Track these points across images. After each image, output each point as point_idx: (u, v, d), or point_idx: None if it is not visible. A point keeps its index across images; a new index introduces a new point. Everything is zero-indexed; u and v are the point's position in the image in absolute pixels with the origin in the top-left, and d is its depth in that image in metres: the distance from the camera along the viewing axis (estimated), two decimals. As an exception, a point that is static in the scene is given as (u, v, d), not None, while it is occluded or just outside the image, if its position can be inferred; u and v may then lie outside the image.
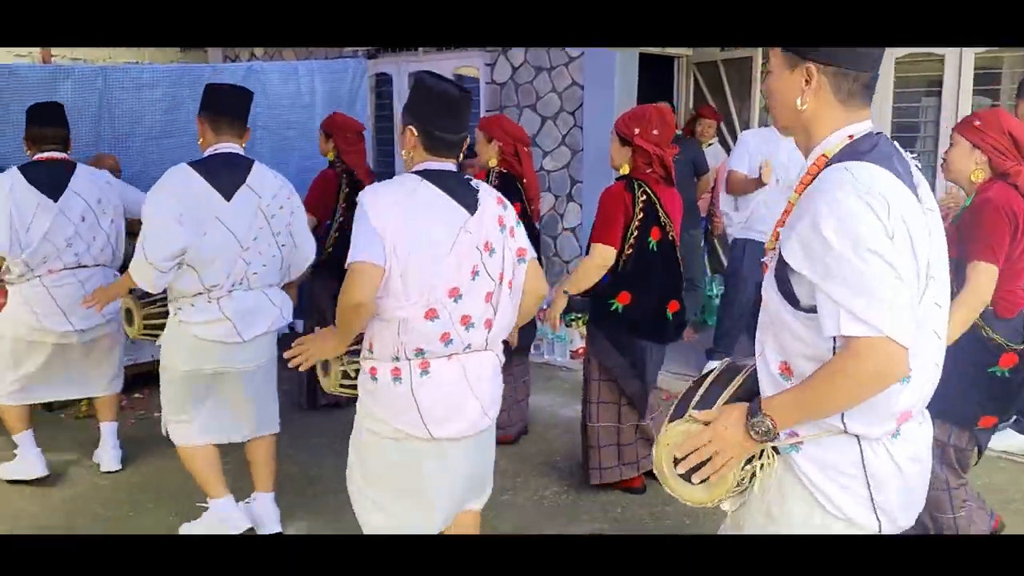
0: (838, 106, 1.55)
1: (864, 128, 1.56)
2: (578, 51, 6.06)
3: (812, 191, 1.49)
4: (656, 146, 3.39)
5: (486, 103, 6.79)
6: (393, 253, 2.14)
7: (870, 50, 1.54)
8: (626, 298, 3.48)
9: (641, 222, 3.43)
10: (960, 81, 5.75)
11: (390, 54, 7.53)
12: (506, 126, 4.18)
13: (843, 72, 1.53)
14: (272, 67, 6.94)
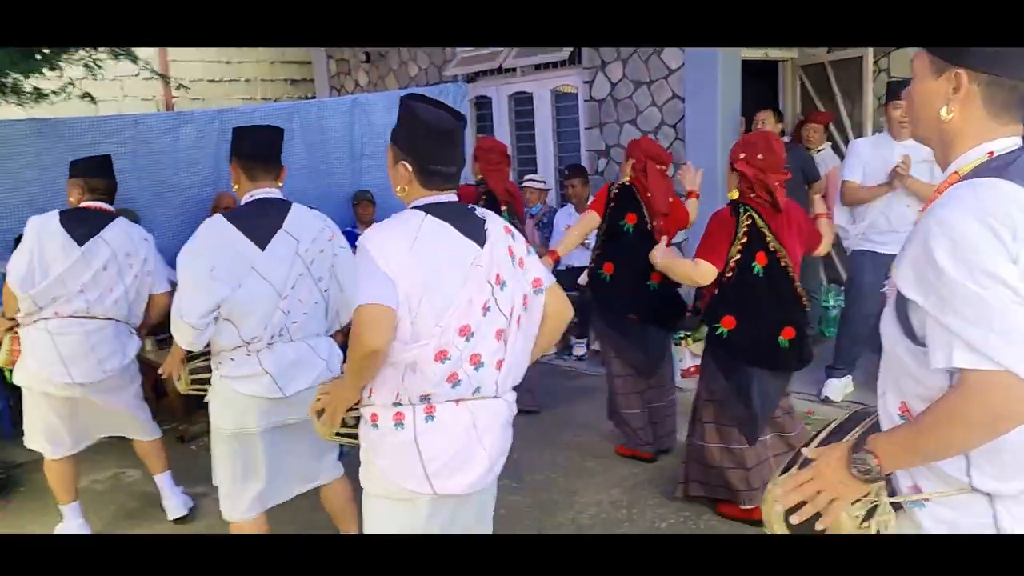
0: (988, 119, 1.37)
1: (1010, 144, 1.37)
2: (678, 63, 5.97)
3: (929, 211, 1.33)
4: (759, 171, 3.33)
5: (585, 120, 6.77)
6: (404, 296, 2.00)
7: None
8: (730, 322, 3.45)
9: (744, 246, 3.39)
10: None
11: (489, 77, 7.62)
12: (643, 145, 4.22)
13: (999, 80, 1.35)
14: (376, 98, 7.13)
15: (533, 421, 5.00)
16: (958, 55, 1.37)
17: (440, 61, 7.93)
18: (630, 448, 4.40)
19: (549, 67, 7.05)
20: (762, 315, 3.43)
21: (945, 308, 1.26)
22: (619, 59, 6.37)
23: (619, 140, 6.50)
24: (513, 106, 7.56)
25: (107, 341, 3.68)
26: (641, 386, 4.31)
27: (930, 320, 1.29)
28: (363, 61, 8.71)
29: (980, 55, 1.34)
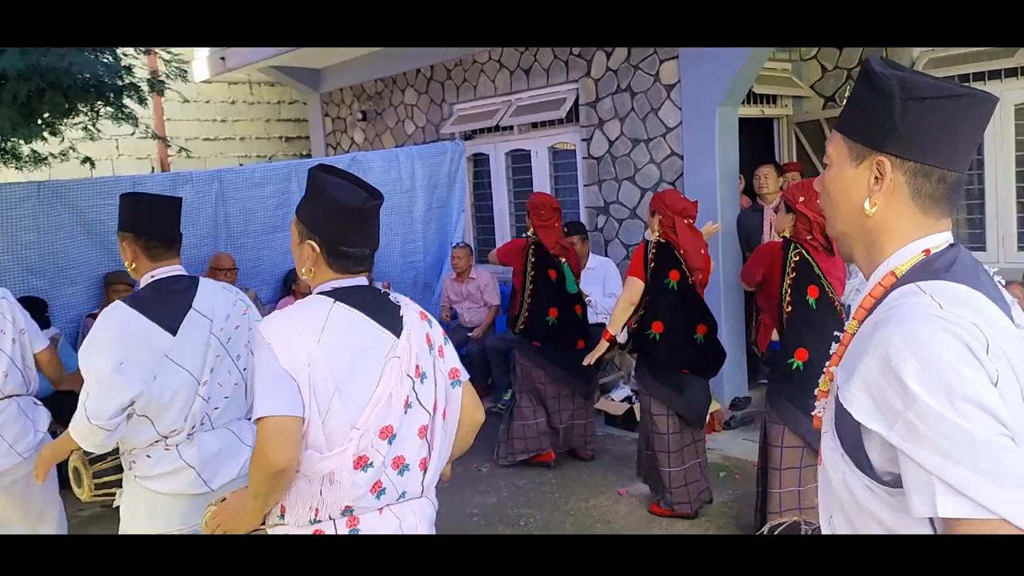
0: (916, 213, 1.20)
1: (943, 240, 1.20)
2: (675, 120, 6.00)
3: (879, 322, 1.11)
4: (818, 214, 3.52)
5: (584, 177, 6.79)
6: (312, 397, 1.78)
7: (959, 144, 1.18)
8: (803, 355, 3.58)
9: (794, 280, 3.60)
10: (1090, 124, 5.42)
11: (486, 134, 7.66)
12: (667, 200, 4.29)
13: (925, 169, 1.17)
14: (374, 156, 7.15)
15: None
16: (880, 140, 1.19)
17: (437, 119, 7.98)
18: (668, 508, 4.35)
19: (546, 125, 7.10)
20: (824, 344, 3.48)
21: (920, 441, 1.03)
22: (616, 117, 6.41)
23: (618, 197, 6.51)
24: (510, 163, 7.58)
25: (12, 422, 3.34)
26: (687, 440, 4.34)
27: (903, 458, 1.06)
28: (360, 119, 8.75)
29: (905, 140, 1.17)
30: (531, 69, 7.05)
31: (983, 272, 1.18)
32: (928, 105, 1.15)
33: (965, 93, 1.15)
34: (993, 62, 5.67)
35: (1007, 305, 1.16)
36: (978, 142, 1.21)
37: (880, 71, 1.19)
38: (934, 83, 1.16)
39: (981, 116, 1.18)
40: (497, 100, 7.38)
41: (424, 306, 7.16)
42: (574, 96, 6.72)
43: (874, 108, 1.19)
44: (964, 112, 1.15)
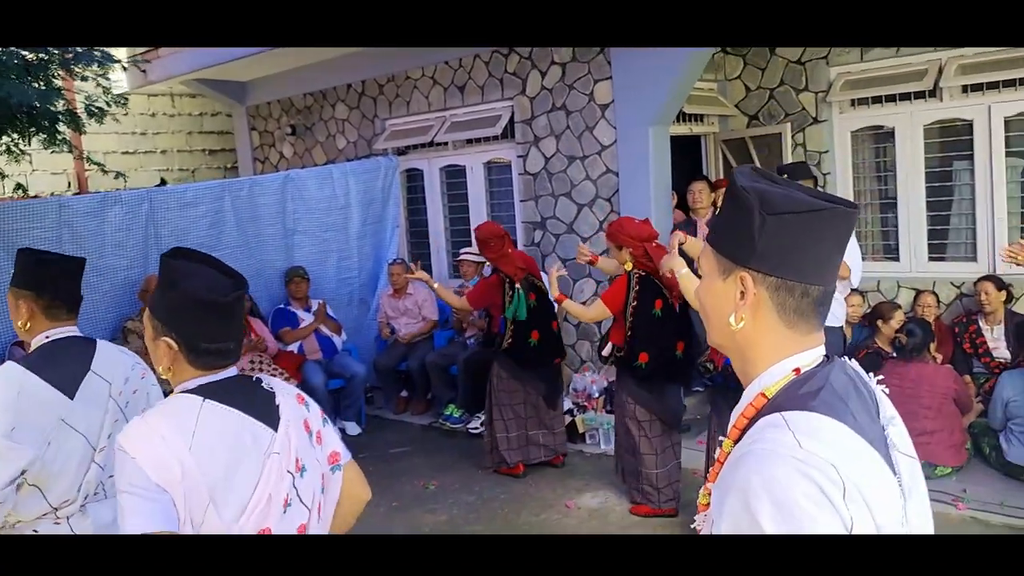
0: (782, 328, 1.16)
1: (814, 357, 1.18)
2: (610, 139, 6.16)
3: (743, 455, 1.08)
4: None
5: (520, 193, 6.89)
6: (186, 510, 1.63)
7: (822, 258, 1.15)
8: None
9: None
10: (991, 143, 5.82)
11: (420, 150, 7.68)
12: (630, 231, 4.46)
13: (788, 284, 1.14)
14: (308, 173, 7.09)
15: (488, 501, 4.96)
16: (742, 255, 1.16)
17: (369, 134, 7.96)
18: (655, 507, 4.62)
19: (482, 141, 7.17)
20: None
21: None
22: (552, 134, 6.54)
23: (554, 212, 6.63)
24: (445, 178, 7.63)
25: None
26: (667, 443, 4.61)
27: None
28: (289, 133, 8.64)
29: (765, 256, 1.14)
30: (465, 86, 7.12)
31: (855, 387, 1.15)
32: (786, 220, 1.12)
33: (823, 207, 1.11)
34: (903, 85, 6.02)
35: (873, 418, 1.13)
36: (841, 254, 1.16)
37: (741, 185, 1.15)
38: (793, 197, 1.13)
39: (841, 228, 1.15)
40: (431, 116, 7.42)
41: (360, 322, 7.19)
42: (509, 113, 6.82)
43: (736, 222, 1.16)
44: (824, 225, 1.12)
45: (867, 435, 1.08)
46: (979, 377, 5.51)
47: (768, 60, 6.71)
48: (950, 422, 4.68)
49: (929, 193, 6.20)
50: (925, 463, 4.63)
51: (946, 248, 6.25)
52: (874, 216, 6.60)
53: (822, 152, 6.53)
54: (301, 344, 6.57)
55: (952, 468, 4.67)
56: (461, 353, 6.52)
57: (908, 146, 6.18)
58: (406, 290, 6.95)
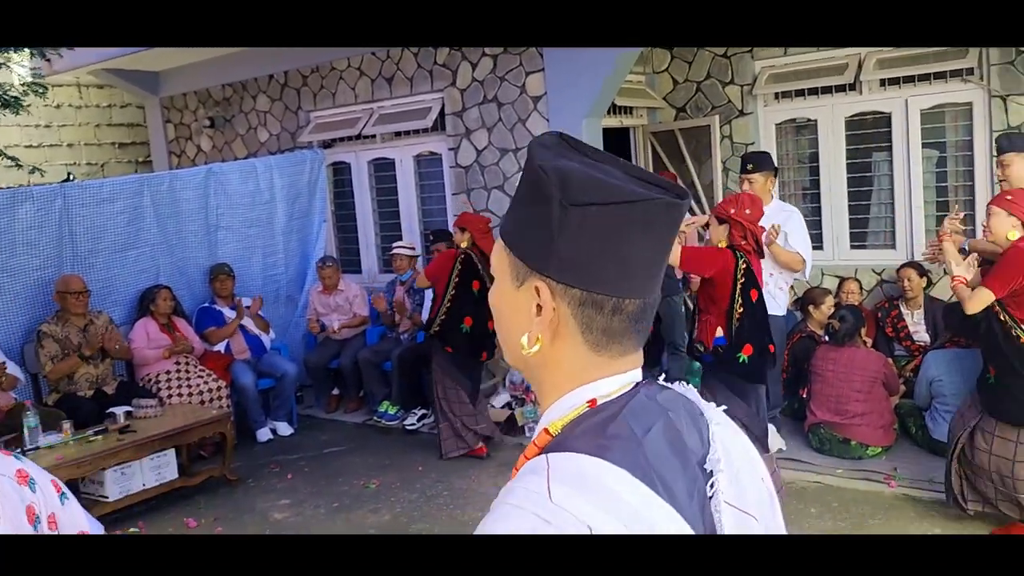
0: (587, 352, 0.91)
1: (620, 384, 0.92)
2: (543, 131, 6.14)
3: (495, 503, 0.87)
4: (750, 222, 4.01)
5: (452, 186, 6.81)
6: None
7: (640, 263, 0.88)
8: (749, 350, 4.01)
9: (743, 286, 4.03)
10: (908, 136, 6.06)
11: (347, 143, 7.51)
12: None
13: (596, 298, 0.88)
14: (231, 167, 6.85)
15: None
16: (540, 258, 0.88)
17: (293, 127, 7.73)
18: None
19: (411, 134, 7.06)
20: (764, 339, 4.09)
21: None
22: (484, 127, 6.48)
23: (487, 205, 6.58)
24: (373, 172, 7.48)
25: None
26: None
27: None
28: (207, 126, 8.33)
29: (566, 260, 0.87)
30: (393, 77, 6.99)
31: (665, 423, 0.89)
32: (592, 213, 0.84)
33: (640, 198, 0.84)
34: (825, 79, 6.21)
35: (687, 463, 0.88)
36: (666, 255, 0.91)
37: (540, 162, 0.87)
38: (603, 183, 0.84)
39: (665, 223, 0.88)
40: (358, 108, 7.26)
41: (288, 320, 7.05)
42: (439, 105, 6.72)
43: (532, 213, 0.88)
44: (643, 220, 0.85)
45: (663, 484, 0.83)
46: (900, 360, 5.73)
47: (695, 54, 6.82)
48: (879, 404, 4.85)
49: (850, 184, 6.41)
50: (857, 444, 4.79)
51: (867, 236, 6.48)
52: (798, 206, 6.78)
53: (748, 144, 6.67)
54: (228, 344, 6.34)
55: (882, 448, 4.84)
56: (395, 349, 6.41)
57: (830, 138, 6.38)
58: (337, 286, 6.80)
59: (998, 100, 5.69)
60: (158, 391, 5.63)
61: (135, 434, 4.76)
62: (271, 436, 6.25)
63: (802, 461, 4.91)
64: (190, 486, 5.13)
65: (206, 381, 5.79)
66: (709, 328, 4.13)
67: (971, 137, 5.89)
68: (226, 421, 5.24)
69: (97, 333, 5.41)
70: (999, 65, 5.65)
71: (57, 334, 5.34)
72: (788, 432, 5.23)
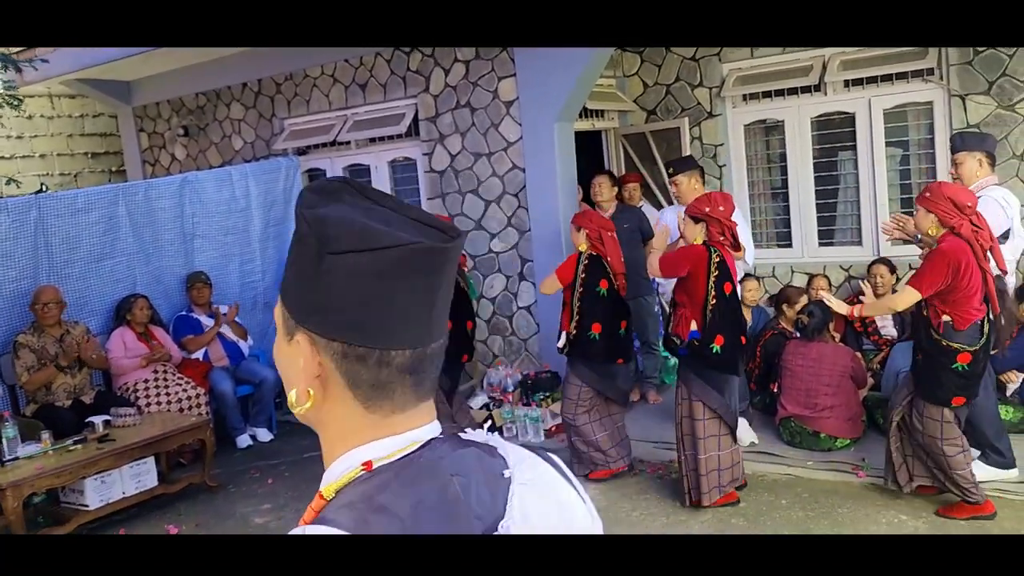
0: (359, 409, 0.86)
1: (398, 446, 0.86)
2: (516, 135, 6.24)
3: None
4: (725, 218, 4.20)
5: (426, 191, 6.88)
6: None
7: (404, 311, 0.83)
8: (720, 340, 4.20)
9: (716, 279, 4.20)
10: (872, 135, 6.20)
11: (322, 149, 7.55)
12: (592, 217, 4.90)
13: (357, 352, 0.83)
14: (206, 175, 6.87)
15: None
16: (302, 311, 0.85)
17: (268, 134, 7.77)
18: (605, 469, 4.92)
19: (385, 139, 7.12)
20: (736, 331, 4.31)
21: None
22: (457, 132, 6.56)
23: (462, 209, 6.66)
24: (348, 178, 7.52)
25: None
26: (606, 413, 4.94)
27: None
28: (181, 134, 8.33)
29: (325, 311, 0.83)
30: (367, 84, 7.05)
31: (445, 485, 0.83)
32: (350, 261, 0.81)
33: (398, 243, 0.80)
34: (791, 80, 6.34)
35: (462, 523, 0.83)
36: (437, 302, 0.86)
37: (300, 209, 0.83)
38: (365, 229, 0.80)
39: (429, 271, 0.84)
40: (332, 115, 7.31)
41: (266, 327, 7.05)
42: (413, 111, 6.79)
43: (298, 263, 0.85)
44: (400, 268, 0.81)
45: None
46: (868, 354, 5.87)
47: (664, 57, 6.93)
48: (848, 397, 4.97)
49: (817, 182, 6.55)
50: (827, 436, 4.91)
51: (834, 234, 6.62)
52: (767, 205, 6.93)
53: (718, 145, 6.80)
54: (207, 351, 6.36)
55: (851, 440, 4.96)
56: (374, 353, 6.46)
57: (797, 138, 6.52)
58: (314, 292, 6.83)
59: (957, 99, 5.85)
60: (136, 400, 5.65)
61: (114, 443, 4.78)
62: (251, 442, 6.28)
63: (773, 454, 5.02)
64: (170, 493, 5.15)
65: (184, 389, 5.81)
66: (684, 322, 4.29)
67: (933, 135, 6.05)
68: (205, 428, 5.27)
69: (74, 343, 5.42)
70: (958, 65, 5.81)
71: (33, 344, 5.34)
72: (759, 426, 5.34)
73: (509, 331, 6.66)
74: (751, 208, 6.87)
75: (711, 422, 4.36)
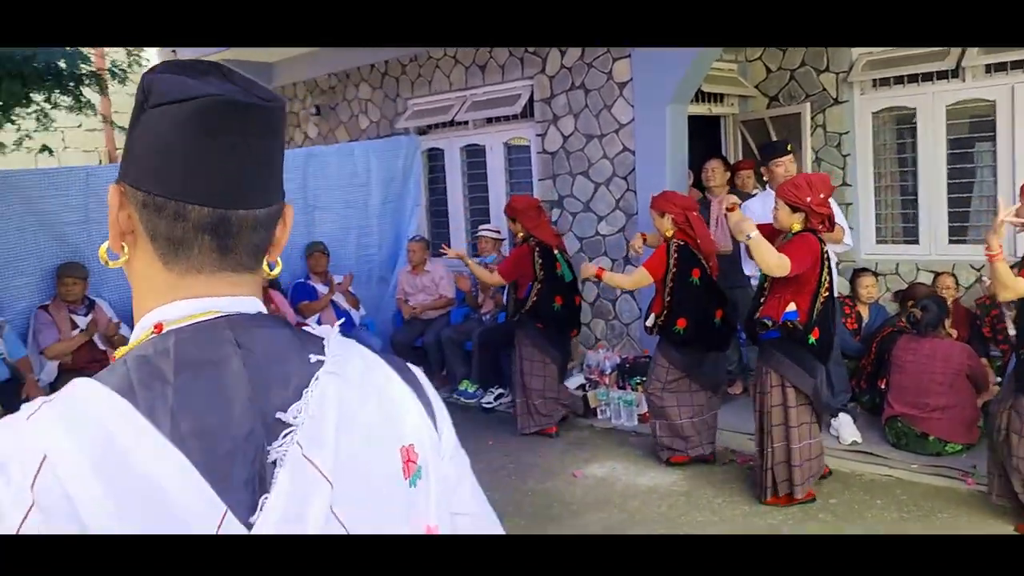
0: (159, 266, 0.85)
1: (191, 311, 0.84)
2: (627, 118, 6.18)
3: None
4: (826, 205, 4.03)
5: (538, 172, 6.92)
6: None
7: (206, 169, 0.82)
8: (817, 333, 4.09)
9: (830, 270, 4.14)
10: (1014, 125, 5.74)
11: (441, 129, 7.74)
12: (674, 199, 4.72)
13: (155, 201, 0.82)
14: (330, 150, 7.20)
15: (497, 469, 5.01)
16: (123, 166, 0.86)
17: (392, 114, 8.04)
18: (684, 455, 4.85)
19: (501, 120, 7.22)
20: (833, 326, 4.26)
21: None
22: (571, 113, 6.57)
23: (572, 191, 6.66)
24: (465, 157, 7.68)
25: None
26: (700, 401, 4.85)
27: None
28: (313, 114, 8.76)
29: (135, 161, 0.84)
30: (486, 65, 7.17)
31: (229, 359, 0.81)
32: (162, 113, 0.82)
33: (200, 95, 0.81)
34: (925, 65, 5.96)
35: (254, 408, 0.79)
36: (233, 164, 0.83)
37: (145, 73, 0.87)
38: (184, 84, 0.81)
39: (237, 129, 0.83)
40: (452, 95, 7.48)
41: (380, 300, 7.32)
42: (529, 92, 6.85)
43: (129, 122, 0.88)
44: (203, 120, 0.81)
45: (178, 423, 0.75)
46: (995, 361, 5.45)
47: (790, 41, 6.68)
48: (962, 398, 4.65)
49: (950, 175, 6.13)
50: (936, 439, 4.60)
51: (967, 231, 6.18)
52: (894, 199, 6.55)
53: (842, 133, 6.49)
54: (320, 317, 6.66)
55: (963, 445, 4.63)
56: (476, 328, 6.58)
57: (930, 127, 6.12)
58: (424, 267, 7.03)
59: (1115, 87, 5.33)
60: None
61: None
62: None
63: (876, 455, 4.77)
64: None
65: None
66: (779, 304, 4.10)
67: (1085, 127, 5.54)
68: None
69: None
70: (1118, 49, 5.30)
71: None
72: (864, 426, 5.07)
73: (612, 315, 6.61)
74: (876, 201, 6.52)
75: (803, 409, 4.18)
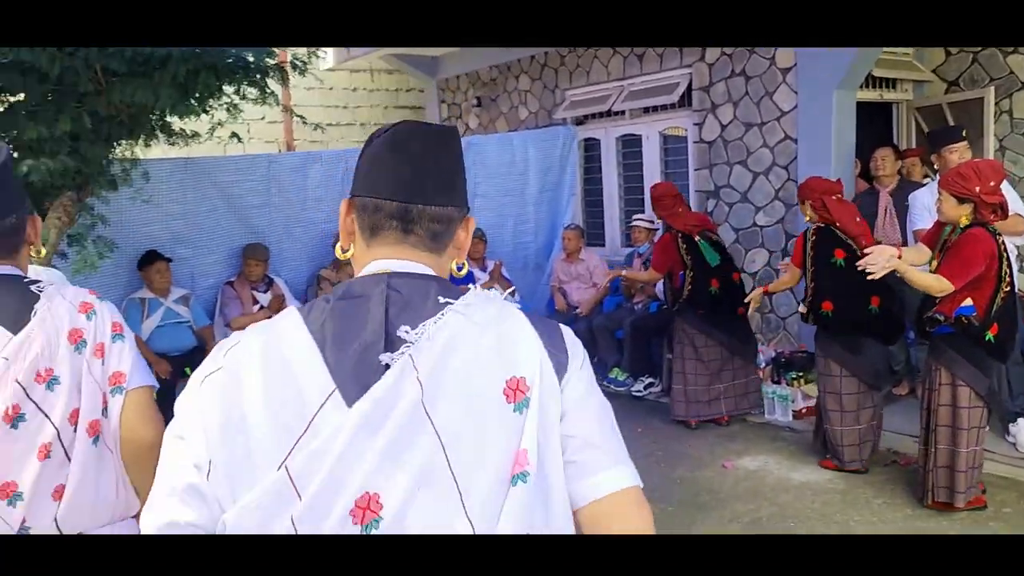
0: (364, 249, 1.19)
1: (374, 269, 1.16)
2: (790, 104, 6.01)
3: None
4: (994, 194, 3.73)
5: (695, 162, 6.85)
6: None
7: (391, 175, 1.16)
8: (996, 329, 3.85)
9: (1009, 265, 3.88)
10: None
11: (597, 119, 7.80)
12: (813, 184, 4.58)
13: (364, 201, 1.17)
14: (489, 139, 7.42)
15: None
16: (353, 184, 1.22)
17: (550, 104, 8.17)
18: (836, 464, 4.65)
19: (658, 109, 7.19)
20: (1014, 324, 3.95)
21: None
22: (730, 101, 6.45)
23: (728, 181, 6.55)
24: (621, 148, 7.71)
25: None
26: (866, 403, 4.58)
27: None
28: (475, 105, 9.04)
29: (358, 179, 1.19)
30: (644, 54, 7.16)
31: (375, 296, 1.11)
32: (373, 143, 1.19)
33: (390, 128, 1.19)
34: None
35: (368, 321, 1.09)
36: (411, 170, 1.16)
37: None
38: (384, 127, 1.20)
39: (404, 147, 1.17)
40: (609, 85, 7.52)
41: (535, 287, 7.47)
42: (687, 81, 6.79)
43: None
44: (386, 144, 1.16)
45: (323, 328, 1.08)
46: None
47: (973, 21, 6.24)
48: None
49: None
50: None
51: None
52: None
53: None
54: (476, 301, 6.90)
55: None
56: (628, 317, 6.61)
57: None
58: (578, 255, 7.12)
59: None
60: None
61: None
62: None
63: (1057, 464, 4.43)
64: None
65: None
66: (955, 300, 3.84)
67: None
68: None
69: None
70: None
71: (333, 279, 6.17)
72: (1046, 432, 4.71)
73: (768, 308, 6.46)
74: (1068, 194, 6.00)
75: (975, 411, 3.93)
